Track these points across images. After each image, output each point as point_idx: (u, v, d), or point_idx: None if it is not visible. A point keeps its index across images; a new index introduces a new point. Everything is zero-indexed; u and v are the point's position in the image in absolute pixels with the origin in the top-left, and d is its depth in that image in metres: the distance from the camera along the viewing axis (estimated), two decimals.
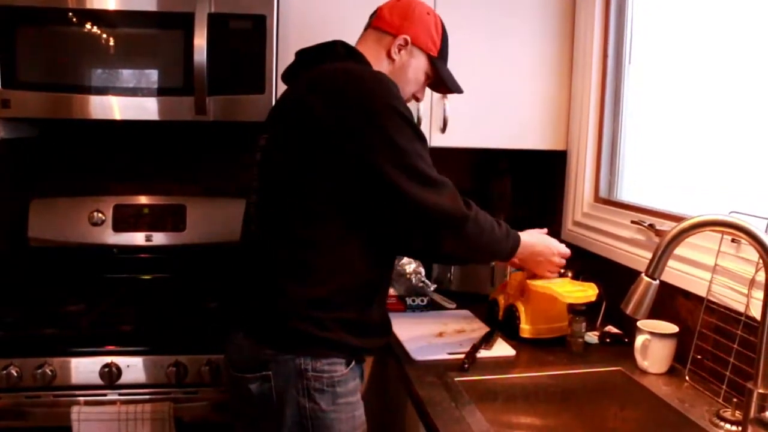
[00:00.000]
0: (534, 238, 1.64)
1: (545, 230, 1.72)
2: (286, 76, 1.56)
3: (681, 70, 1.83)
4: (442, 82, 1.64)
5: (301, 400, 1.35)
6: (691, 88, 1.78)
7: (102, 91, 1.89)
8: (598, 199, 2.16)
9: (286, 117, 1.41)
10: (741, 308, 1.43)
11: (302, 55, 1.52)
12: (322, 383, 1.35)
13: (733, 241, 1.49)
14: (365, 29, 1.61)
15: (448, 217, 1.35)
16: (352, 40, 1.55)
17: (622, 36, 2.08)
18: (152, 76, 1.91)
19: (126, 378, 1.75)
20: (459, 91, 1.69)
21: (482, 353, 1.68)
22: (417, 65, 1.57)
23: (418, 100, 1.66)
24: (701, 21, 1.75)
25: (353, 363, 1.42)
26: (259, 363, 1.37)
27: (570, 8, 2.20)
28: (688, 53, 1.80)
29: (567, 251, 1.71)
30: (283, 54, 1.98)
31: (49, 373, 1.70)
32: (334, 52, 1.46)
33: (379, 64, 1.53)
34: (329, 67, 1.40)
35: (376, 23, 1.57)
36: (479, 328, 1.88)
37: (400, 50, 1.54)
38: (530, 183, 2.57)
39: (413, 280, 2.13)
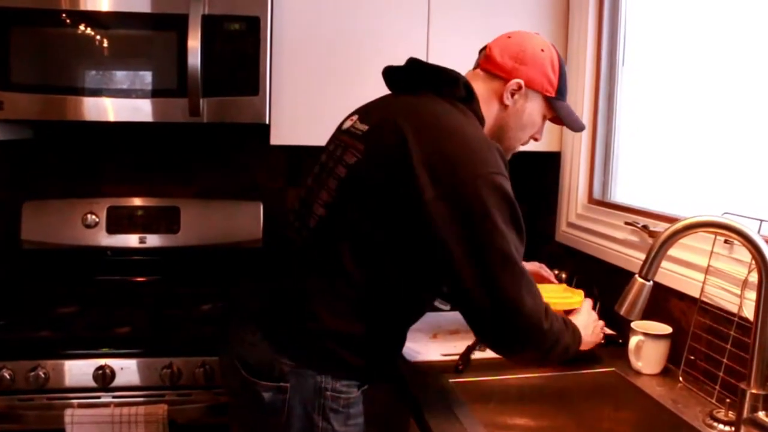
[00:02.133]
0: (581, 321, 1.51)
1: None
2: (393, 79, 1.47)
3: (674, 72, 1.84)
4: (563, 122, 1.54)
5: (315, 417, 1.31)
6: (685, 90, 1.79)
7: (96, 92, 1.88)
8: (591, 200, 2.17)
9: (384, 152, 1.29)
10: (734, 309, 1.43)
11: (416, 68, 1.42)
12: (339, 404, 1.33)
13: (726, 242, 1.49)
14: (473, 69, 1.51)
15: (533, 327, 1.24)
16: (347, 41, 1.52)
17: (615, 38, 2.09)
18: (146, 77, 1.91)
19: (120, 380, 1.74)
20: (581, 128, 1.58)
21: (476, 355, 1.67)
22: (533, 109, 1.46)
23: (536, 140, 1.56)
24: (695, 22, 1.76)
25: (366, 386, 1.40)
26: (276, 372, 1.32)
27: (564, 10, 2.20)
28: (682, 55, 1.81)
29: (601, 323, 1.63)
30: (277, 55, 1.98)
31: (42, 375, 1.69)
32: (455, 88, 1.37)
33: (490, 109, 1.43)
34: (441, 108, 1.32)
35: (485, 65, 1.47)
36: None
37: (513, 95, 1.43)
38: (524, 184, 2.57)
39: None
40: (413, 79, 1.42)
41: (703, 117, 1.71)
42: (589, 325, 1.53)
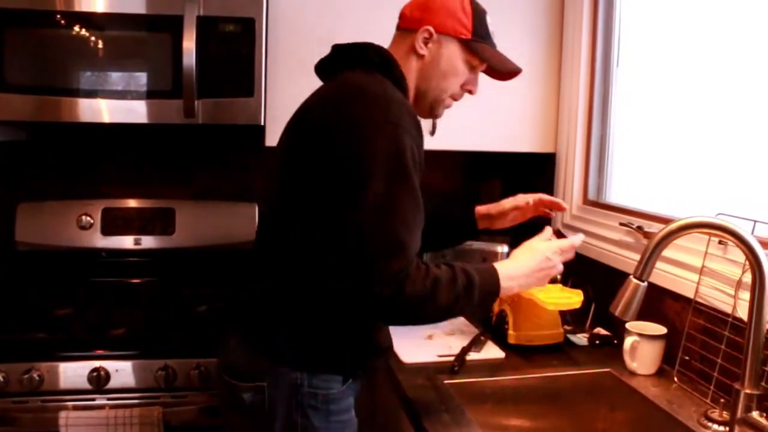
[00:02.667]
0: (521, 263, 1.43)
1: (549, 231, 1.55)
2: (320, 69, 1.48)
3: (668, 73, 1.84)
4: (489, 66, 1.48)
5: (293, 415, 1.31)
6: (679, 91, 1.79)
7: (91, 94, 1.88)
8: (586, 201, 2.17)
9: (297, 134, 1.35)
10: (728, 309, 1.44)
11: (334, 53, 1.43)
12: (317, 400, 1.32)
13: (720, 242, 1.50)
14: (394, 35, 1.50)
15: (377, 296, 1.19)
16: (343, 42, 1.50)
17: (610, 39, 2.09)
18: (141, 79, 1.90)
19: (114, 382, 1.74)
20: (515, 70, 1.52)
21: (472, 356, 1.68)
22: (449, 54, 1.42)
23: (471, 93, 1.51)
24: (689, 23, 1.76)
25: (350, 380, 1.38)
26: (254, 373, 1.32)
27: (558, 12, 2.21)
28: (676, 56, 1.81)
29: (565, 244, 1.48)
30: (272, 57, 1.98)
31: (37, 377, 1.69)
32: (365, 57, 1.37)
33: (410, 64, 1.42)
34: (345, 78, 1.33)
35: (399, 24, 1.48)
36: (468, 331, 1.88)
37: (426, 44, 1.41)
38: (519, 185, 2.57)
39: None
40: (333, 62, 1.43)
41: (697, 118, 1.72)
42: (525, 268, 1.41)
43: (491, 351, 1.73)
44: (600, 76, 2.12)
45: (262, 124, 1.96)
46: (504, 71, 1.51)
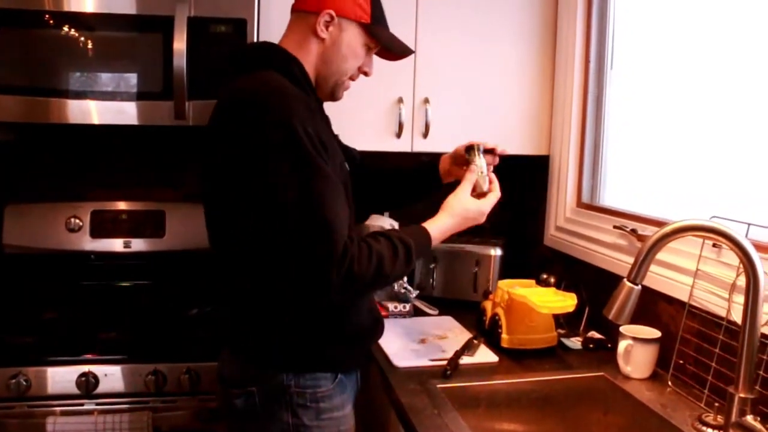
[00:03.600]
0: (446, 221, 1.47)
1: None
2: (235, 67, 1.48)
3: (663, 76, 1.84)
4: (386, 48, 1.51)
5: (284, 415, 1.34)
6: (673, 94, 1.79)
7: (80, 95, 1.86)
8: (580, 204, 2.16)
9: (205, 147, 1.38)
10: (722, 313, 1.43)
11: (237, 59, 1.44)
12: (305, 399, 1.34)
13: (714, 245, 1.49)
14: (290, 16, 1.49)
15: (311, 285, 1.23)
16: None
17: (603, 41, 2.09)
18: (131, 80, 1.88)
19: (103, 387, 1.72)
20: (407, 51, 1.54)
21: (465, 360, 1.66)
22: (350, 38, 1.43)
23: (367, 74, 1.52)
24: (683, 27, 1.76)
25: (339, 376, 1.39)
26: (244, 379, 1.36)
27: (552, 14, 2.20)
28: (671, 59, 1.81)
29: (484, 208, 1.53)
30: None
31: (24, 383, 1.67)
32: (250, 59, 1.40)
33: (308, 48, 1.42)
34: (236, 84, 1.33)
35: (296, 6, 1.46)
36: (462, 335, 1.87)
37: (327, 27, 1.41)
38: (513, 188, 2.57)
39: (395, 287, 2.13)
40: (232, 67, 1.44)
41: (691, 121, 1.71)
42: (454, 214, 1.48)
43: (484, 355, 1.72)
44: (594, 78, 2.12)
45: None
46: (398, 52, 1.53)
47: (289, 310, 1.34)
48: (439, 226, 1.46)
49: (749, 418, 1.21)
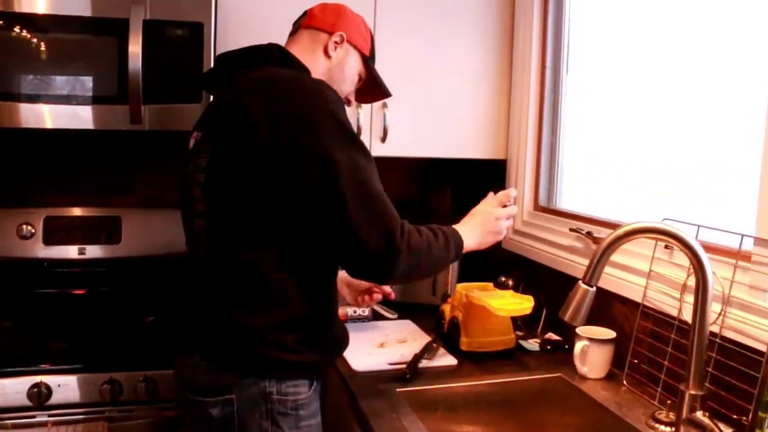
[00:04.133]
0: (473, 224, 1.53)
1: (491, 196, 1.61)
2: (208, 83, 1.51)
3: (616, 81, 1.87)
4: (374, 81, 1.62)
5: (264, 423, 1.31)
6: (626, 99, 1.83)
7: (33, 98, 1.82)
8: (537, 207, 2.19)
9: (228, 134, 1.32)
10: (674, 312, 1.46)
11: (227, 59, 1.45)
12: (287, 407, 1.32)
13: (666, 247, 1.52)
14: (293, 33, 1.56)
15: (378, 254, 1.26)
16: None
17: (559, 47, 2.12)
18: (86, 83, 1.85)
19: (57, 398, 1.68)
20: (389, 94, 1.68)
21: (424, 363, 1.67)
22: (352, 63, 1.55)
23: (349, 104, 1.58)
24: (636, 33, 1.80)
25: (315, 383, 1.38)
26: (220, 387, 1.31)
27: (509, 20, 2.23)
28: (623, 65, 1.85)
29: (504, 197, 1.58)
30: None
31: None
32: (269, 56, 1.40)
33: (316, 62, 1.49)
34: (265, 72, 1.34)
35: (308, 23, 1.53)
36: (421, 338, 1.88)
37: (336, 47, 1.51)
38: (471, 192, 2.58)
39: None
40: (230, 68, 1.44)
41: (643, 125, 1.75)
42: (476, 226, 1.52)
43: (443, 358, 1.73)
44: (550, 83, 2.15)
45: None
46: (381, 93, 1.67)
47: (288, 319, 1.32)
48: (465, 229, 1.49)
49: (699, 414, 1.24)
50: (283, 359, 1.31)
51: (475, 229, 1.51)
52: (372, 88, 1.65)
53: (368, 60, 1.58)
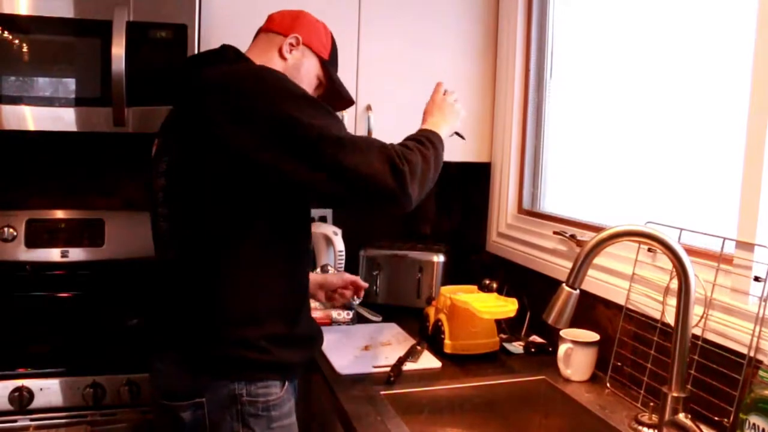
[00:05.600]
0: (438, 117, 1.58)
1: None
2: (177, 85, 1.51)
3: (600, 85, 1.89)
4: (334, 87, 1.62)
5: (235, 425, 1.31)
6: (609, 103, 1.84)
7: (15, 100, 1.80)
8: (521, 210, 2.20)
9: (183, 135, 1.35)
10: (657, 315, 1.47)
11: (186, 64, 1.49)
12: (257, 408, 1.32)
13: (649, 250, 1.54)
14: (254, 38, 1.59)
15: (388, 182, 1.27)
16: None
17: (543, 51, 2.14)
18: (69, 85, 1.84)
19: (39, 402, 1.66)
20: (351, 100, 1.68)
21: (408, 366, 1.67)
22: (309, 66, 1.55)
23: None
24: (619, 37, 1.81)
25: (287, 383, 1.38)
26: (191, 390, 1.32)
27: (493, 24, 2.24)
28: (607, 68, 1.86)
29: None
30: None
31: None
32: (223, 56, 1.43)
33: (271, 63, 1.50)
34: (217, 70, 1.36)
35: (266, 27, 1.57)
36: (405, 341, 1.88)
37: (291, 49, 1.52)
38: (455, 195, 2.60)
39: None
40: (186, 72, 1.46)
41: (627, 129, 1.76)
42: (438, 109, 1.59)
43: (427, 361, 1.73)
44: (534, 87, 2.16)
45: None
46: (342, 98, 1.66)
47: (256, 319, 1.33)
48: (431, 124, 1.55)
49: (681, 416, 1.25)
50: (252, 360, 1.32)
51: (442, 120, 1.57)
52: (336, 95, 1.65)
53: (327, 63, 1.58)
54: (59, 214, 2.21)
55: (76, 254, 2.21)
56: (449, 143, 2.21)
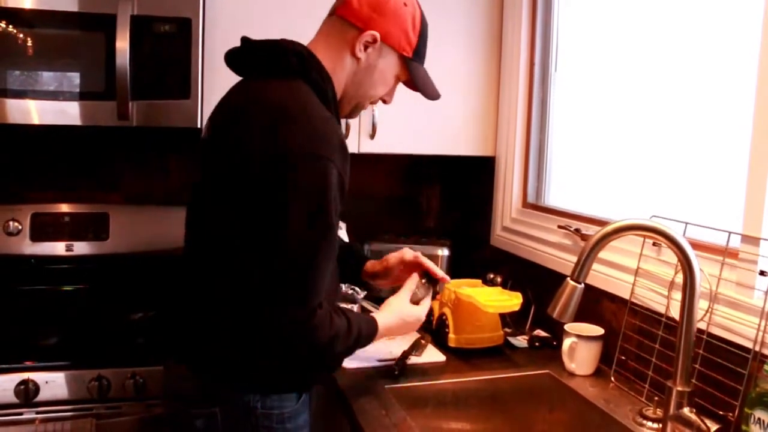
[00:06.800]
0: (390, 320, 1.49)
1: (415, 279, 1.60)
2: (233, 62, 1.38)
3: (605, 78, 1.88)
4: (415, 86, 1.43)
5: None
6: (615, 97, 1.83)
7: (19, 94, 1.81)
8: (526, 204, 2.20)
9: (224, 153, 1.27)
10: (662, 309, 1.47)
11: (251, 50, 1.34)
12: (272, 420, 1.28)
13: (654, 244, 1.53)
14: (329, 14, 1.39)
15: (299, 343, 1.23)
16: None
17: (548, 45, 2.13)
18: (73, 79, 1.84)
19: (44, 395, 1.67)
20: (436, 96, 1.48)
21: (412, 360, 1.67)
22: (386, 67, 1.37)
23: (385, 102, 1.47)
24: (625, 30, 1.80)
25: (303, 395, 1.35)
26: (205, 399, 1.28)
27: (498, 18, 2.24)
28: (612, 62, 1.85)
29: (422, 316, 1.56)
30: (209, 58, 1.94)
31: None
32: (286, 64, 1.29)
33: (341, 64, 1.34)
34: (276, 98, 1.24)
35: (341, 11, 1.34)
36: (409, 335, 1.87)
37: (366, 48, 1.33)
38: (459, 189, 2.60)
39: (342, 287, 2.12)
40: (248, 61, 1.35)
41: (633, 123, 1.76)
42: (400, 321, 1.50)
43: (432, 354, 1.73)
44: (538, 80, 2.15)
45: (199, 126, 1.92)
46: (428, 94, 1.47)
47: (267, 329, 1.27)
48: (383, 324, 1.45)
49: (686, 410, 1.25)
50: (269, 373, 1.28)
51: (394, 330, 1.51)
52: (417, 90, 1.46)
53: (409, 61, 1.39)
54: (64, 208, 2.22)
55: (81, 248, 2.21)
56: (452, 135, 2.23)
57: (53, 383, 1.68)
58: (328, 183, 1.18)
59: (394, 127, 2.15)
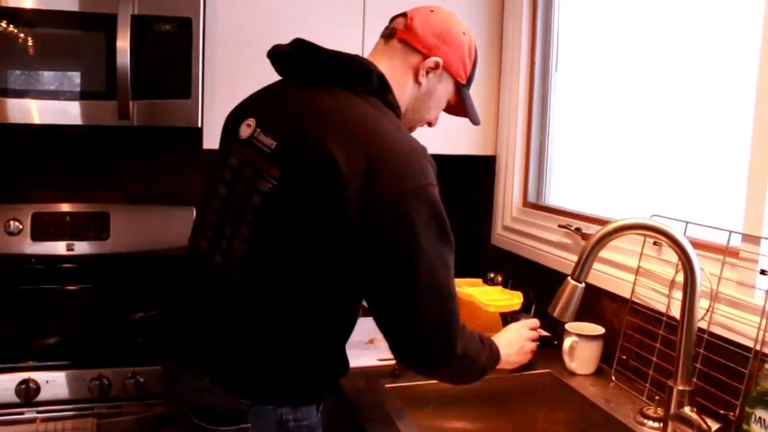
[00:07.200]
0: (508, 339, 1.54)
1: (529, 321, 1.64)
2: (284, 64, 1.35)
3: (605, 78, 1.88)
4: (463, 111, 1.47)
5: None
6: (615, 96, 1.83)
7: (20, 93, 1.81)
8: (526, 203, 2.20)
9: (309, 182, 1.17)
10: (663, 308, 1.47)
11: (315, 56, 1.29)
12: (303, 431, 1.28)
13: (655, 243, 1.53)
14: (388, 36, 1.39)
15: (434, 354, 1.25)
16: (282, 42, 1.40)
17: (548, 44, 2.13)
18: (74, 79, 1.84)
19: (45, 394, 1.67)
20: (479, 122, 1.53)
21: None
22: (443, 92, 1.41)
23: (430, 125, 1.49)
24: (625, 30, 1.80)
25: (321, 406, 1.34)
26: (235, 414, 1.23)
27: (498, 16, 2.23)
28: (613, 61, 1.85)
29: (535, 324, 1.64)
30: (209, 57, 1.95)
31: None
32: (367, 82, 1.27)
33: (404, 87, 1.35)
34: (361, 116, 1.21)
35: (404, 36, 1.36)
36: None
37: (428, 73, 1.36)
38: (460, 188, 2.60)
39: None
40: (311, 68, 1.30)
41: (633, 122, 1.76)
42: (512, 343, 1.54)
43: None
44: (539, 80, 2.15)
45: (200, 126, 1.92)
46: (475, 121, 1.51)
47: (308, 347, 1.27)
48: (505, 353, 1.49)
49: (687, 410, 1.25)
50: (298, 386, 1.27)
51: (512, 358, 1.54)
52: (464, 115, 1.50)
53: (462, 88, 1.43)
54: (65, 207, 2.22)
55: (82, 247, 2.22)
56: (452, 134, 2.23)
57: (54, 383, 1.68)
58: (437, 203, 1.20)
59: None
